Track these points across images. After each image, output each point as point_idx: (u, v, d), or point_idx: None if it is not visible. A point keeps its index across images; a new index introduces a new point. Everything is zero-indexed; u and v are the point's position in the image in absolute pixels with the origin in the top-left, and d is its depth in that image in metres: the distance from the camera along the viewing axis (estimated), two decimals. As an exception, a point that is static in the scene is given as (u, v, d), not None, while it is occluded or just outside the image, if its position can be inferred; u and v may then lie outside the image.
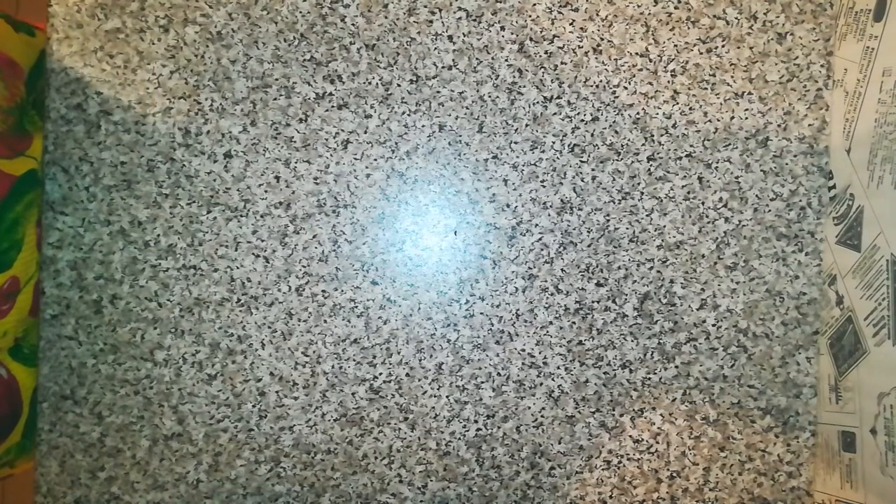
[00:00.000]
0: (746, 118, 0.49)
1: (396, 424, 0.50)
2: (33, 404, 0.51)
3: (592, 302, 0.50)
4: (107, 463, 0.51)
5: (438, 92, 0.50)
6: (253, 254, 0.50)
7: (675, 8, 0.49)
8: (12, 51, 0.48)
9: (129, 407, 0.50)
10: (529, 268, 0.50)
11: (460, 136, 0.50)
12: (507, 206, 0.50)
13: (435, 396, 0.50)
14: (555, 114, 0.50)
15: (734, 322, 0.50)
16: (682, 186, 0.50)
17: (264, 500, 0.51)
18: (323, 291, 0.50)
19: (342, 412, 0.50)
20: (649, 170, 0.50)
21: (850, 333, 0.45)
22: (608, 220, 0.50)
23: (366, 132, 0.50)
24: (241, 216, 0.50)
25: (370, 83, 0.50)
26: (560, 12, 0.50)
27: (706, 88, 0.50)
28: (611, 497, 0.50)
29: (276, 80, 0.50)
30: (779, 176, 0.49)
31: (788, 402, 0.50)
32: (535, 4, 0.50)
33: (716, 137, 0.50)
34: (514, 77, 0.50)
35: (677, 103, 0.50)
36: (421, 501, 0.50)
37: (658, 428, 0.50)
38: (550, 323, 0.50)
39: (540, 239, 0.50)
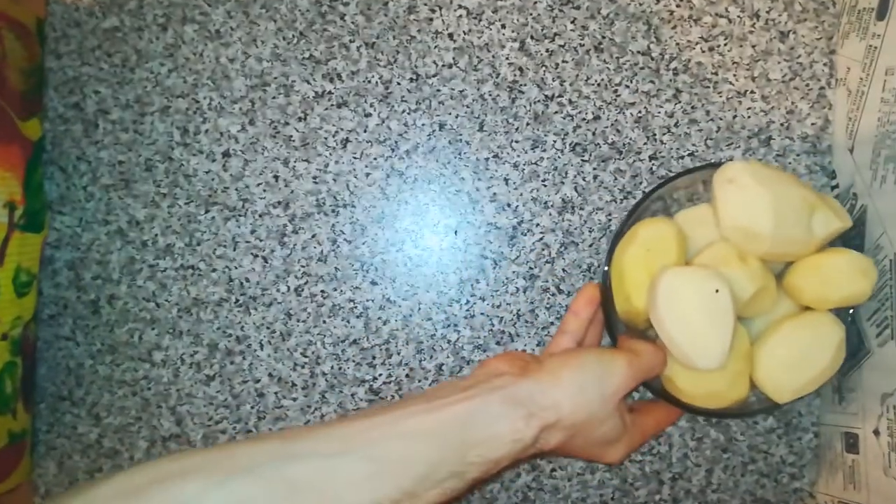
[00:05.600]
0: (749, 117, 0.49)
1: (396, 425, 0.50)
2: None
3: (594, 302, 0.50)
4: (105, 464, 0.50)
5: (439, 90, 0.50)
6: (251, 254, 0.50)
7: (677, 6, 0.49)
8: (16, 13, 0.48)
9: (127, 408, 0.50)
10: (531, 268, 0.50)
11: (461, 134, 0.50)
12: (508, 205, 0.50)
13: (435, 397, 0.50)
14: (556, 112, 0.50)
15: (736, 322, 0.49)
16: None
17: (263, 501, 0.50)
18: (322, 292, 0.50)
19: (342, 413, 0.50)
20: (651, 169, 0.49)
21: (853, 334, 0.45)
22: (610, 220, 0.49)
23: (365, 131, 0.50)
24: (240, 216, 0.50)
25: (370, 81, 0.50)
26: (561, 10, 0.49)
27: (708, 87, 0.49)
28: (612, 499, 0.50)
29: (275, 78, 0.50)
30: (781, 175, 0.49)
31: (791, 402, 0.49)
32: (535, 2, 0.49)
33: (718, 136, 0.49)
34: (514, 75, 0.50)
35: (679, 102, 0.49)
36: (421, 503, 0.50)
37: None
38: (552, 323, 0.50)
39: (541, 239, 0.50)
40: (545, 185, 0.50)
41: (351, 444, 0.32)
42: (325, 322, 0.50)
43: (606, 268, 0.43)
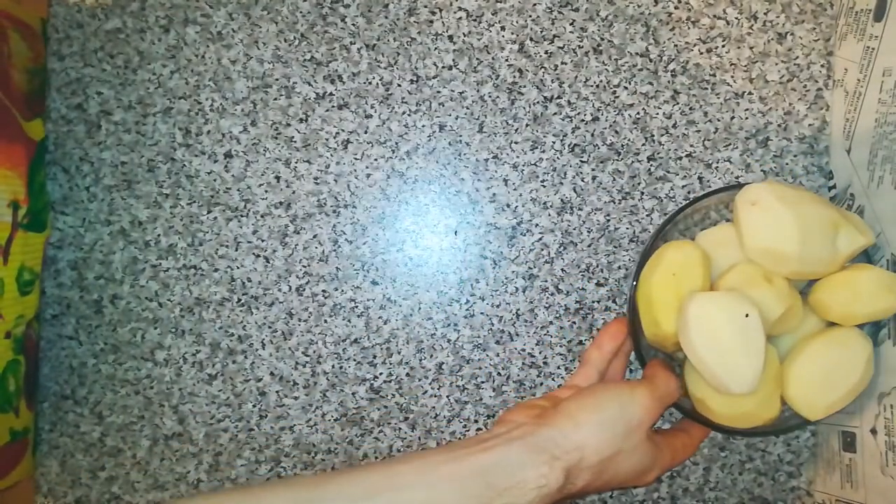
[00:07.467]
0: (747, 118, 0.49)
1: (397, 424, 0.50)
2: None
3: (593, 302, 0.50)
4: (107, 463, 0.51)
5: (439, 92, 0.50)
6: (253, 254, 0.50)
7: (676, 8, 0.49)
8: (21, 13, 0.49)
9: (130, 407, 0.51)
10: (530, 268, 0.50)
11: (460, 136, 0.50)
12: (508, 206, 0.50)
13: (435, 396, 0.50)
14: (555, 114, 0.50)
15: (734, 322, 0.50)
16: (683, 186, 0.50)
17: (265, 499, 0.50)
18: (323, 291, 0.50)
19: (342, 412, 0.50)
20: (649, 170, 0.50)
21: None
22: (608, 220, 0.50)
23: (366, 132, 0.50)
24: (242, 216, 0.50)
25: (370, 83, 0.50)
26: (560, 12, 0.50)
27: (706, 88, 0.50)
28: (611, 497, 0.50)
29: (277, 80, 0.50)
30: (779, 176, 0.50)
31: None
32: (535, 4, 0.50)
33: (716, 137, 0.50)
34: (514, 77, 0.50)
35: (677, 103, 0.50)
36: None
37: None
38: (551, 323, 0.50)
39: (540, 239, 0.50)
40: (544, 186, 0.50)
41: (376, 489, 0.33)
42: (326, 321, 0.50)
43: (634, 282, 0.43)
